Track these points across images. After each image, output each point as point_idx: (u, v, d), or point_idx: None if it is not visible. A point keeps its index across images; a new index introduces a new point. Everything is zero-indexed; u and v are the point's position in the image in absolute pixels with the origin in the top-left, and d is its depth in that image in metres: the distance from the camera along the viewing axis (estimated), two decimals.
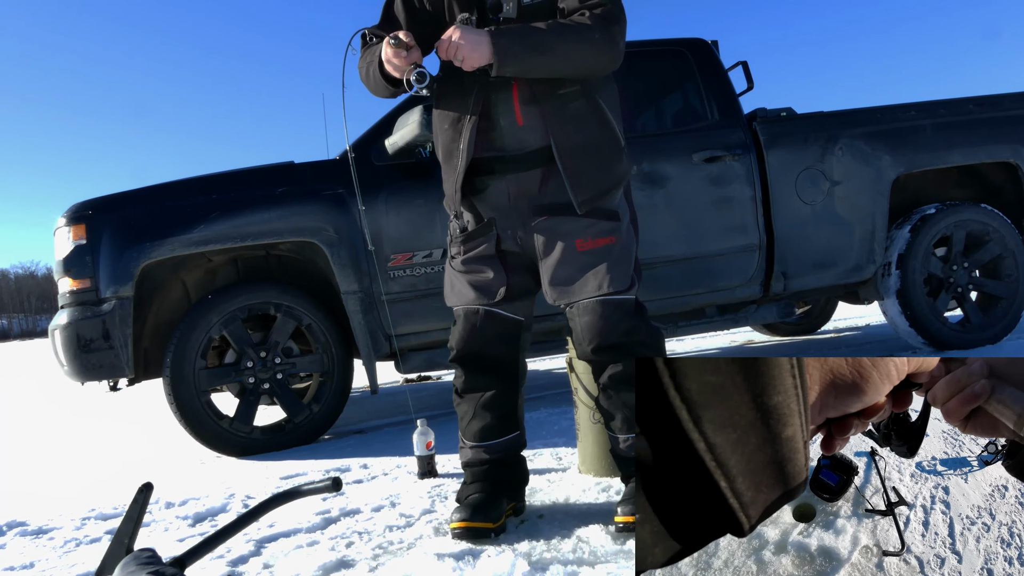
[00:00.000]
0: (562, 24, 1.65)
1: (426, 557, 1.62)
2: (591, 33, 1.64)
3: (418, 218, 3.19)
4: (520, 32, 1.63)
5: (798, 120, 3.70)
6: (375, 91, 1.81)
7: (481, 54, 1.61)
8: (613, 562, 1.52)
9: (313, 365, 3.25)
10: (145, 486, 1.42)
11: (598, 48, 1.66)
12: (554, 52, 1.63)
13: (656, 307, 3.54)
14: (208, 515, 2.22)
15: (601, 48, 1.66)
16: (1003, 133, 3.83)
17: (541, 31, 1.62)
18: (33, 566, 1.89)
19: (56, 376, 4.25)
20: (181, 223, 3.08)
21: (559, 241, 1.75)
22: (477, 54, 1.60)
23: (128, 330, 3.04)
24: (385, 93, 1.79)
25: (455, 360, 1.89)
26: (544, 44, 1.62)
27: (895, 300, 3.75)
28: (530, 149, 1.74)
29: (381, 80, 1.74)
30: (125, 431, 4.39)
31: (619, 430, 1.79)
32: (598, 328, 1.73)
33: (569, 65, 1.67)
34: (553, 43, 1.62)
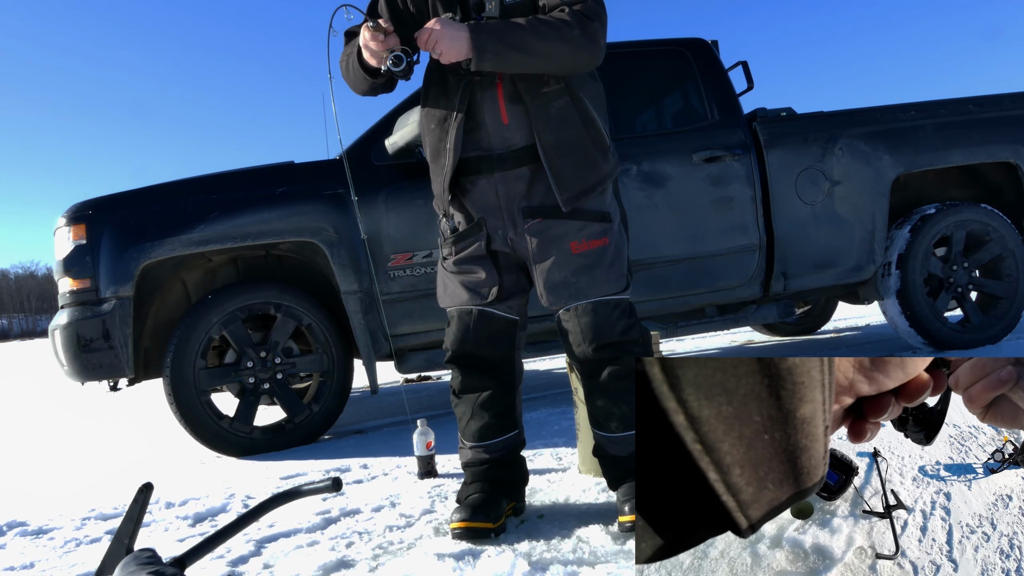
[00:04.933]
0: (542, 20, 1.65)
1: (426, 557, 1.62)
2: (570, 30, 1.64)
3: (418, 218, 3.19)
4: (499, 28, 1.63)
5: (798, 120, 3.70)
6: (354, 85, 1.81)
7: (459, 48, 1.61)
8: (613, 562, 1.53)
9: (313, 365, 3.25)
10: (145, 486, 1.42)
11: (577, 45, 1.66)
12: (533, 48, 1.63)
13: (656, 307, 3.54)
14: (208, 515, 2.22)
15: (580, 45, 1.66)
16: (1003, 133, 3.83)
17: (520, 27, 1.63)
18: (33, 566, 1.89)
19: (56, 376, 4.25)
20: (181, 223, 3.09)
21: (552, 244, 1.76)
22: (455, 48, 1.61)
23: (128, 330, 3.04)
24: (364, 85, 1.78)
25: (450, 361, 1.90)
26: (523, 40, 1.62)
27: (895, 300, 3.75)
28: (516, 148, 1.75)
29: (360, 71, 1.74)
30: (125, 431, 4.39)
31: (614, 428, 1.79)
32: (598, 328, 1.74)
33: (548, 61, 1.68)
34: (532, 39, 1.63)
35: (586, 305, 1.75)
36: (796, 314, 5.36)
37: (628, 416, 1.77)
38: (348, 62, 1.78)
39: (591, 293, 1.75)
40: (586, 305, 1.75)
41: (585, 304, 1.75)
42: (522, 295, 1.88)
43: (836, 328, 6.28)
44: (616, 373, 1.76)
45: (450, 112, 1.75)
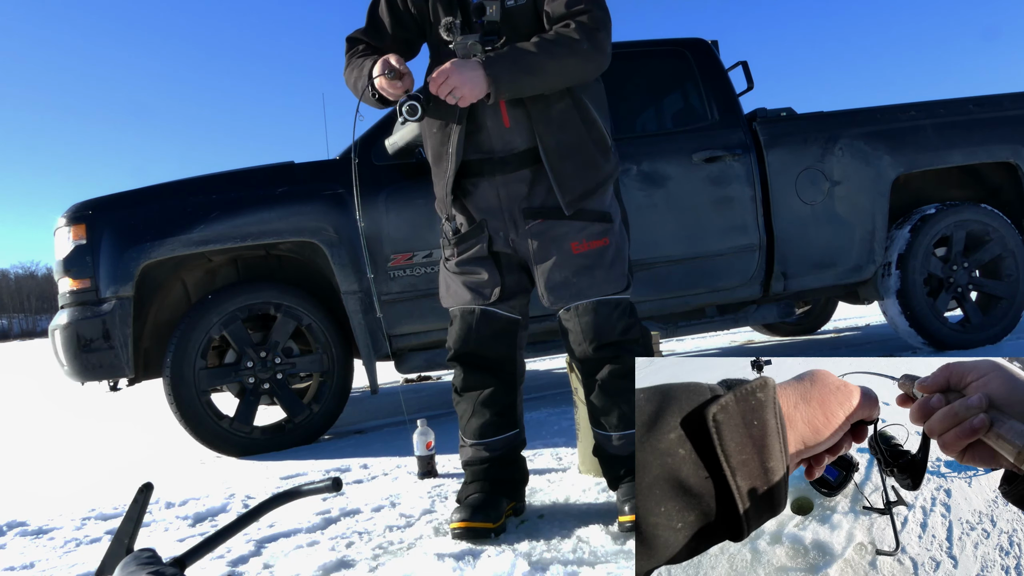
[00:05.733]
0: (549, 40, 1.65)
1: (426, 557, 1.62)
2: (579, 45, 1.64)
3: (418, 218, 3.19)
4: (511, 57, 1.63)
5: (798, 120, 3.70)
6: (364, 102, 1.82)
7: (478, 87, 1.60)
8: (613, 562, 1.53)
9: (313, 365, 3.25)
10: (145, 486, 1.42)
11: (586, 58, 1.67)
12: (545, 71, 1.64)
13: (656, 307, 3.54)
14: (208, 515, 2.22)
15: (589, 57, 1.67)
16: (1003, 133, 3.83)
17: (531, 53, 1.63)
18: (33, 566, 1.89)
19: (56, 376, 4.25)
20: (181, 223, 3.09)
21: (553, 245, 1.76)
22: (474, 89, 1.60)
23: (128, 330, 3.04)
24: (376, 107, 1.80)
25: (453, 359, 1.90)
26: (535, 65, 1.63)
27: (895, 300, 3.75)
28: (517, 151, 1.76)
29: (372, 100, 1.75)
30: (125, 431, 4.39)
31: (614, 427, 1.79)
32: (599, 327, 1.75)
33: (561, 80, 1.69)
34: (543, 62, 1.63)
35: (587, 305, 1.76)
36: (796, 314, 5.36)
37: (628, 416, 1.77)
38: (358, 85, 1.77)
39: (592, 293, 1.76)
40: (587, 305, 1.76)
41: (586, 304, 1.76)
42: (524, 295, 1.89)
43: (836, 328, 6.28)
44: (616, 372, 1.77)
45: (451, 116, 1.75)
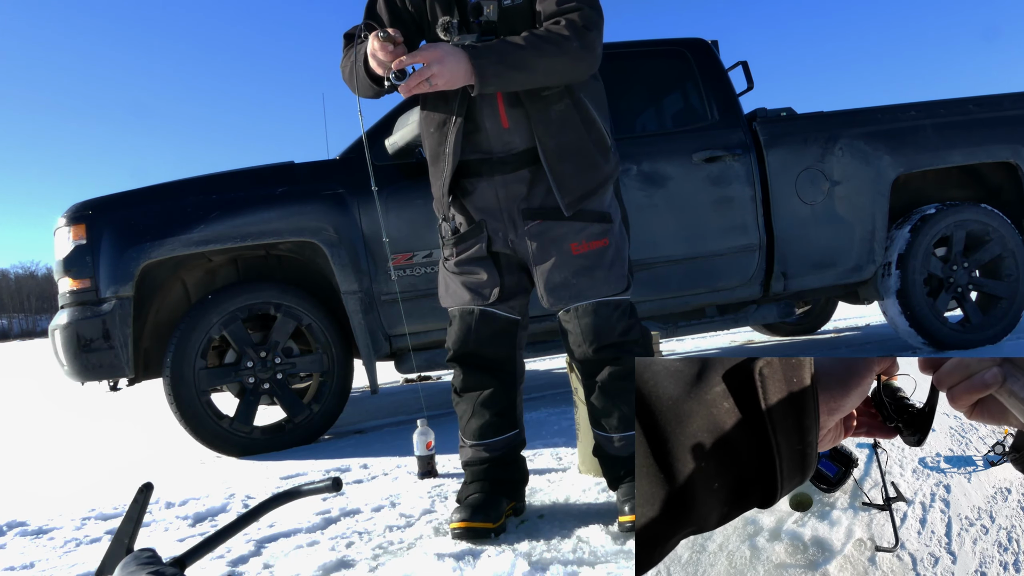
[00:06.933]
0: (539, 37, 1.63)
1: (426, 557, 1.62)
2: (569, 43, 1.62)
3: (418, 218, 3.19)
4: (499, 50, 1.61)
5: (798, 120, 3.71)
6: (358, 90, 1.78)
7: (457, 76, 1.58)
8: (613, 562, 1.52)
9: (313, 365, 3.25)
10: (145, 486, 1.42)
11: (576, 58, 1.65)
12: (533, 67, 1.62)
13: (656, 307, 3.54)
14: (208, 515, 2.22)
15: (579, 57, 1.65)
16: (1003, 133, 3.83)
17: (519, 47, 1.61)
18: (33, 566, 1.89)
19: (56, 376, 4.25)
20: (181, 223, 3.09)
21: (552, 246, 1.75)
22: (455, 75, 1.57)
23: (128, 330, 3.04)
24: (368, 92, 1.76)
25: (452, 359, 1.90)
26: (523, 60, 1.60)
27: (895, 300, 3.75)
28: (516, 151, 1.74)
29: (365, 79, 1.71)
30: (125, 431, 4.39)
31: (615, 428, 1.79)
32: (599, 329, 1.74)
33: (548, 77, 1.66)
34: (531, 58, 1.61)
35: (587, 306, 1.75)
36: (796, 314, 5.37)
37: (628, 417, 1.77)
38: (353, 68, 1.75)
39: (591, 294, 1.75)
40: (587, 306, 1.75)
41: (586, 305, 1.75)
42: (523, 295, 1.88)
43: (836, 328, 6.28)
44: (616, 373, 1.76)
45: (449, 116, 1.74)
